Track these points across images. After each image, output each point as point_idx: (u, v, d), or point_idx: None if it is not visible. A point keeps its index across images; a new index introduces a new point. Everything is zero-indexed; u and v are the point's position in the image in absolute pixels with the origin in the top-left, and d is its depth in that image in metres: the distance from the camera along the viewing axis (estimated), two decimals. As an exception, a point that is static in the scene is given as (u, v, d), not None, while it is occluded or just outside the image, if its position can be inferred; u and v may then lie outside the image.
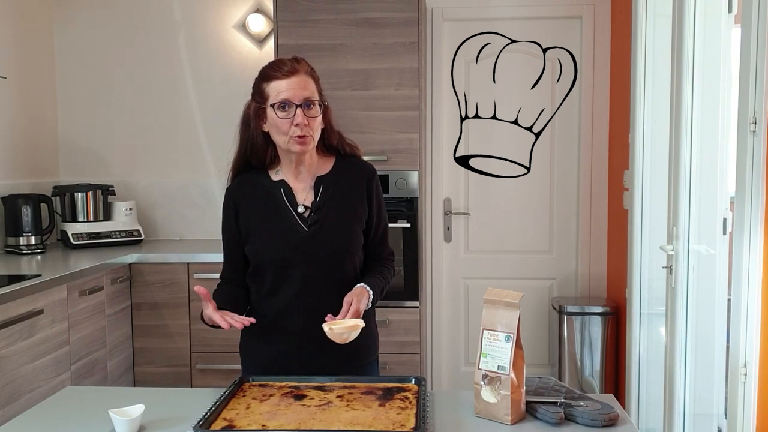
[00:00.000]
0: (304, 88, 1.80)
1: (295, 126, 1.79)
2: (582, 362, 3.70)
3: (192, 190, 4.09)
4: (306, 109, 1.80)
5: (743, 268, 2.06)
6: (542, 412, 1.57)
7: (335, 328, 1.69)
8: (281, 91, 1.79)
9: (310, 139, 1.82)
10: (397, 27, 3.48)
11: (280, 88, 1.79)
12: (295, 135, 1.80)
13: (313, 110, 1.81)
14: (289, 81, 1.79)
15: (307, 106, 1.80)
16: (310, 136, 1.82)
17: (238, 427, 1.49)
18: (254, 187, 1.92)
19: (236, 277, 1.96)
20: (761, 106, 1.97)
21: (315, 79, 1.85)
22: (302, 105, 1.79)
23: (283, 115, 1.79)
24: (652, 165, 3.17)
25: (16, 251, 3.50)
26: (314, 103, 1.81)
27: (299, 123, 1.78)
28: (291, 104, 1.79)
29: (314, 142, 1.85)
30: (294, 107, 1.78)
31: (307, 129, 1.80)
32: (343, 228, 1.90)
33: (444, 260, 4.11)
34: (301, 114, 1.78)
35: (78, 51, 4.08)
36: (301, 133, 1.79)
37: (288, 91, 1.79)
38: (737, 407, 2.10)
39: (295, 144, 1.81)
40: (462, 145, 4.06)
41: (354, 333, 1.70)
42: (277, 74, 1.80)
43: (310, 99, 1.80)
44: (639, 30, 3.20)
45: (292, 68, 1.80)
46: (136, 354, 3.50)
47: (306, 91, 1.80)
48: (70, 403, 1.76)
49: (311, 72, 1.85)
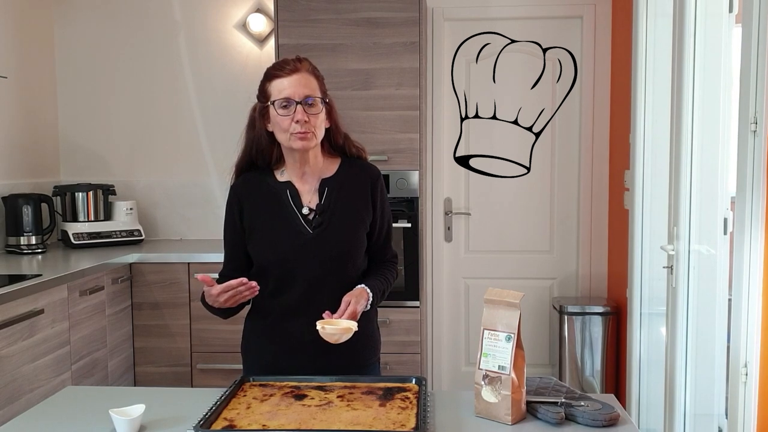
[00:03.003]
0: (305, 86, 1.81)
1: (296, 122, 1.80)
2: (582, 362, 3.70)
3: (192, 190, 4.09)
4: (307, 106, 1.80)
5: (744, 268, 2.06)
6: (543, 412, 1.57)
7: (328, 328, 1.69)
8: (283, 88, 1.80)
9: (311, 136, 1.83)
10: (397, 27, 3.48)
11: (281, 86, 1.81)
12: (295, 131, 1.81)
13: (314, 107, 1.82)
14: (290, 79, 1.81)
15: (308, 104, 1.80)
16: (312, 133, 1.82)
17: (238, 426, 1.49)
18: (259, 186, 1.93)
19: (235, 276, 1.96)
20: (762, 106, 1.97)
21: (318, 78, 1.86)
22: (303, 102, 1.80)
23: (284, 112, 1.81)
24: (652, 165, 3.17)
25: (16, 251, 3.50)
26: (316, 100, 1.82)
27: (299, 119, 1.79)
28: (292, 101, 1.80)
29: (316, 139, 1.85)
30: (294, 104, 1.79)
31: (308, 125, 1.81)
32: (347, 231, 1.91)
33: (444, 260, 4.11)
34: (301, 110, 1.79)
35: (78, 51, 4.08)
36: (302, 129, 1.80)
37: (289, 88, 1.80)
38: (738, 407, 2.09)
39: (296, 140, 1.82)
40: (462, 145, 4.06)
41: (346, 335, 1.70)
42: (280, 73, 1.82)
43: (311, 96, 1.81)
44: (639, 30, 3.20)
45: (294, 67, 1.82)
46: (137, 354, 3.50)
47: (306, 89, 1.81)
48: (71, 403, 1.76)
49: (314, 71, 1.86)
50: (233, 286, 1.74)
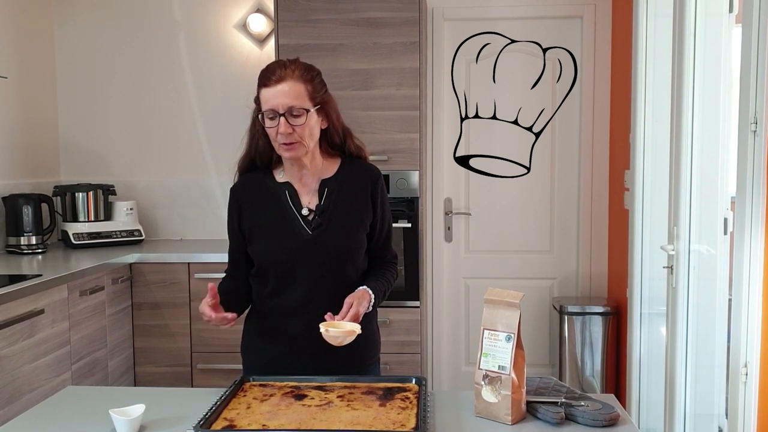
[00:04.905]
0: (290, 96, 1.77)
1: (281, 134, 1.79)
2: (582, 362, 3.70)
3: (192, 190, 4.09)
4: (291, 117, 1.78)
5: (744, 268, 2.06)
6: (543, 412, 1.57)
7: (332, 330, 1.69)
8: (267, 99, 1.79)
9: (298, 146, 1.82)
10: (397, 27, 3.48)
11: (266, 97, 1.79)
12: (281, 142, 1.81)
13: (299, 118, 1.79)
14: (274, 90, 1.78)
15: (292, 115, 1.78)
16: (299, 143, 1.81)
17: (238, 426, 1.49)
18: (258, 188, 1.93)
19: (238, 275, 1.98)
20: (762, 106, 1.97)
21: (308, 82, 1.81)
22: (287, 113, 1.78)
23: (270, 123, 1.80)
24: (652, 165, 3.17)
25: (16, 251, 3.50)
26: (300, 110, 1.79)
27: (282, 132, 1.78)
28: (276, 113, 1.78)
29: (306, 147, 1.84)
30: (278, 116, 1.78)
31: (293, 136, 1.79)
32: (347, 231, 1.91)
33: (445, 260, 4.11)
34: (284, 123, 1.78)
35: (78, 51, 4.08)
36: (286, 141, 1.80)
37: (272, 100, 1.78)
38: (738, 407, 2.10)
39: (283, 150, 1.83)
40: (462, 145, 4.06)
41: (349, 338, 1.70)
42: (267, 82, 1.80)
43: (294, 107, 1.78)
44: (639, 30, 3.20)
45: (279, 76, 1.78)
46: (137, 354, 3.50)
47: (290, 99, 1.77)
48: (71, 403, 1.76)
49: (303, 75, 1.81)
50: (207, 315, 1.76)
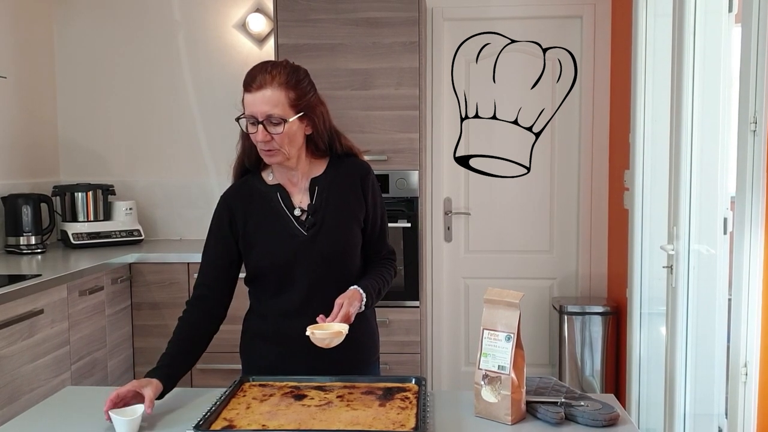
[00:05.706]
0: (269, 103, 1.75)
1: (258, 141, 1.78)
2: (582, 362, 3.70)
3: (192, 190, 4.09)
4: (270, 125, 1.76)
5: (744, 268, 2.06)
6: (543, 412, 1.57)
7: (317, 333, 1.67)
8: (247, 105, 1.77)
9: (276, 152, 1.80)
10: (397, 27, 3.47)
11: (247, 102, 1.78)
12: (260, 148, 1.80)
13: (277, 127, 1.76)
14: (255, 96, 1.76)
15: (271, 122, 1.76)
16: (277, 150, 1.79)
17: (238, 427, 1.49)
18: (250, 193, 1.91)
19: (211, 294, 1.91)
20: (761, 106, 1.97)
21: (290, 89, 1.77)
22: (266, 121, 1.76)
23: (251, 129, 1.79)
24: (652, 165, 3.17)
25: (16, 251, 3.50)
26: (279, 119, 1.76)
27: (260, 140, 1.77)
28: (255, 120, 1.77)
29: (284, 154, 1.81)
30: (257, 123, 1.76)
31: (272, 144, 1.78)
32: (341, 229, 1.89)
33: (444, 260, 4.11)
34: (262, 130, 1.76)
35: (78, 51, 4.08)
36: (265, 148, 1.79)
37: (251, 107, 1.76)
38: (738, 407, 2.09)
39: (264, 156, 1.82)
40: (462, 145, 4.06)
41: (337, 339, 1.68)
42: (248, 88, 1.78)
43: (273, 115, 1.75)
44: (639, 30, 3.20)
45: (260, 82, 1.76)
46: (137, 354, 3.50)
47: (269, 107, 1.75)
48: (70, 403, 1.76)
49: (286, 82, 1.77)
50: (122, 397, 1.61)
